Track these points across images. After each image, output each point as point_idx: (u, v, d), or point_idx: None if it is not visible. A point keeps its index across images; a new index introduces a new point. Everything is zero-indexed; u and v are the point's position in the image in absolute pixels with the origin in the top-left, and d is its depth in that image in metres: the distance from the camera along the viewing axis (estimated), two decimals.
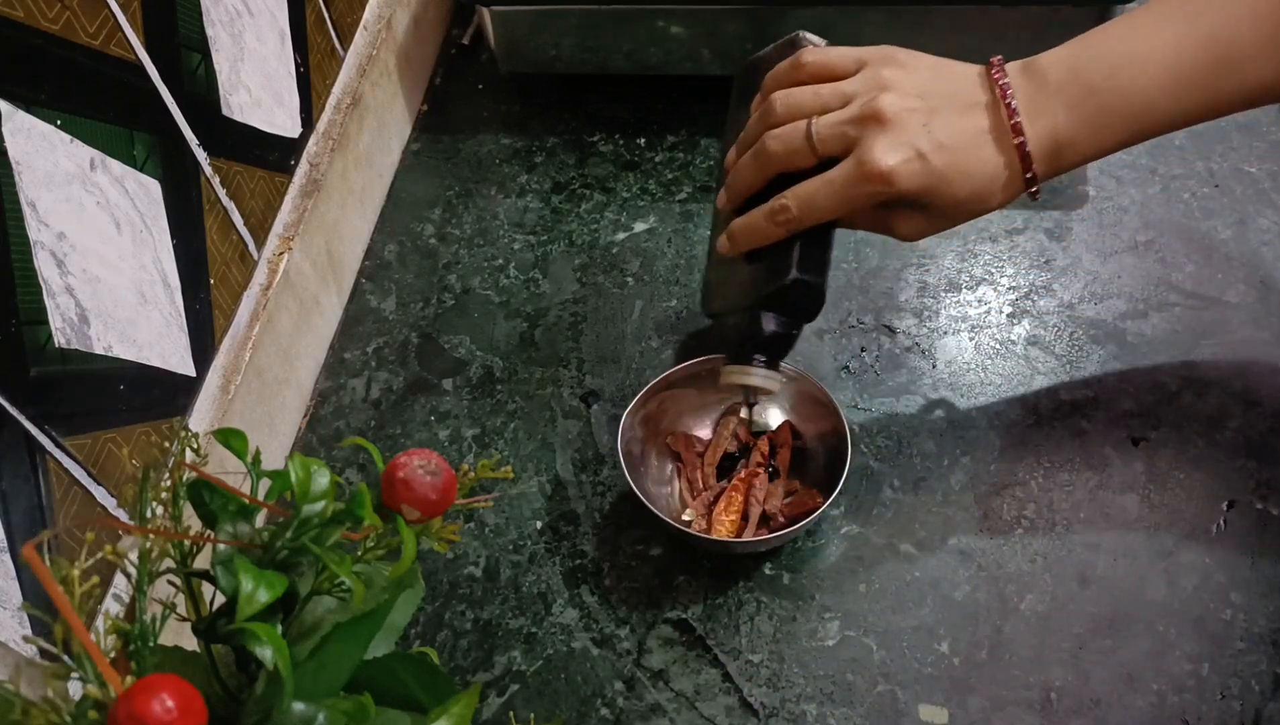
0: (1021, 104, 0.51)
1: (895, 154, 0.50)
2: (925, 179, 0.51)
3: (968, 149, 0.51)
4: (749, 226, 0.55)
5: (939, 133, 0.51)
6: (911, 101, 0.51)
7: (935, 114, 0.51)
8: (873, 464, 0.64)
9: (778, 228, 0.54)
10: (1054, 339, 0.69)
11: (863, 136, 0.51)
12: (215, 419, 0.60)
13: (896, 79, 0.52)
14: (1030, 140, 0.51)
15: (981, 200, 0.53)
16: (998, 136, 0.51)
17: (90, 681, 0.32)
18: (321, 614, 0.38)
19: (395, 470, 0.38)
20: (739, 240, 0.56)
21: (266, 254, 0.67)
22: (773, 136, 0.53)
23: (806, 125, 0.52)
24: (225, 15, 0.61)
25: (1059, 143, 0.51)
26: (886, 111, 0.50)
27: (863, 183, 0.51)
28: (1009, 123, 0.51)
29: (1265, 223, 0.73)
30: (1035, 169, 0.52)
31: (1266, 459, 0.62)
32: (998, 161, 0.51)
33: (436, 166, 0.85)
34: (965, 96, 0.52)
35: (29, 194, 0.45)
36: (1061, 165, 0.53)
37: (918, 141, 0.50)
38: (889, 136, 0.50)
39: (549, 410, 0.69)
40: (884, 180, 0.50)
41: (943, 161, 0.51)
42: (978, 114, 0.52)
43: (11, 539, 0.44)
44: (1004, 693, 0.55)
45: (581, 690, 0.58)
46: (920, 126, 0.50)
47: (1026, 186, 0.53)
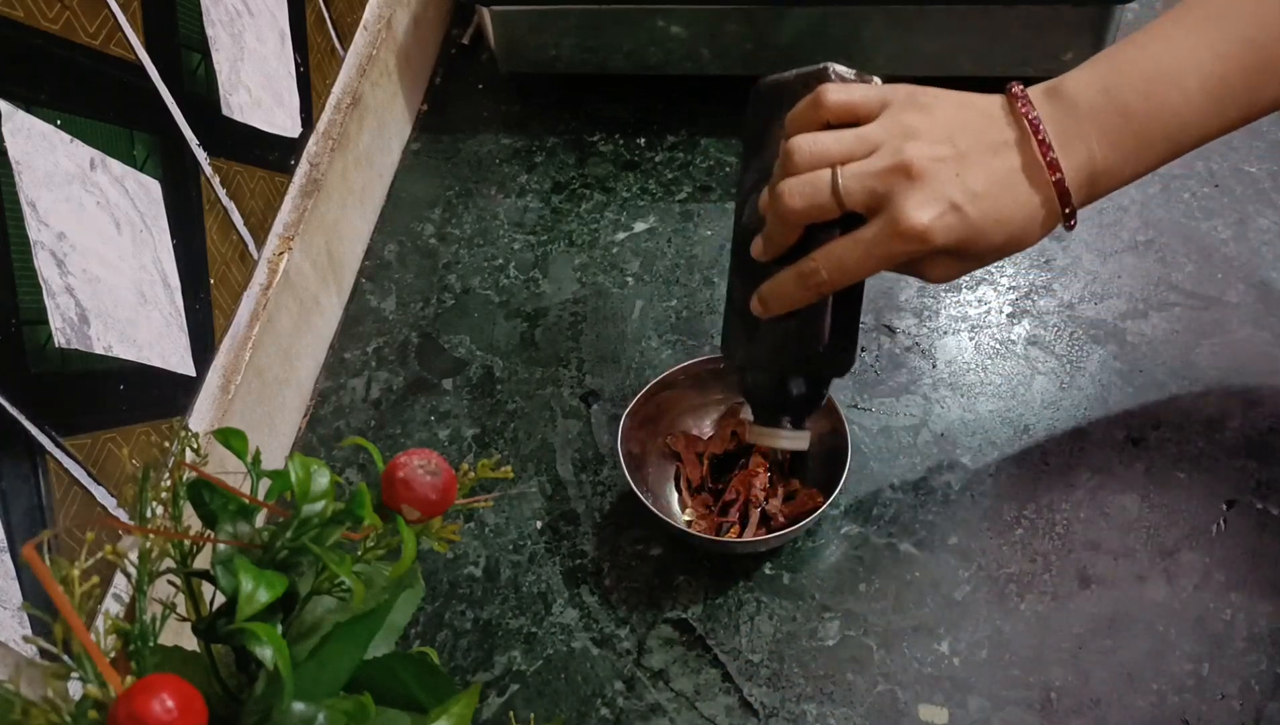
0: (1053, 135, 0.48)
1: (929, 210, 0.47)
2: (962, 232, 0.48)
3: (1003, 193, 0.48)
4: (779, 291, 0.52)
5: (972, 181, 0.48)
6: (940, 150, 0.48)
7: (965, 160, 0.48)
8: (873, 464, 0.64)
9: (808, 292, 0.51)
10: (1054, 339, 0.69)
11: (892, 192, 0.47)
12: (215, 419, 0.60)
13: (922, 124, 0.49)
14: (1066, 173, 0.48)
15: (1019, 241, 0.50)
16: (1031, 175, 0.48)
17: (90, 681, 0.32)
18: (321, 614, 0.38)
19: (395, 470, 0.38)
20: (771, 304, 0.52)
21: (266, 254, 0.67)
22: (793, 190, 0.49)
23: (831, 177, 0.49)
24: (225, 15, 0.61)
25: (1095, 171, 0.49)
26: (915, 163, 0.47)
27: (897, 242, 0.48)
28: (1044, 160, 0.48)
29: (1265, 223, 0.73)
30: (1074, 201, 0.49)
31: (1266, 459, 0.62)
32: (1034, 201, 0.49)
33: (436, 166, 0.85)
34: (993, 135, 0.49)
35: (29, 194, 0.45)
36: (1097, 193, 0.50)
37: (951, 194, 0.47)
38: (921, 192, 0.47)
39: (549, 410, 0.69)
40: (919, 239, 0.47)
41: (979, 212, 0.48)
42: (1008, 153, 0.49)
43: (11, 539, 0.44)
44: (1004, 693, 0.55)
45: (581, 690, 0.58)
46: (952, 176, 0.47)
47: (1065, 221, 0.50)
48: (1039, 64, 0.77)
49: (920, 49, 0.78)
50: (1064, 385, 0.66)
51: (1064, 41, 0.76)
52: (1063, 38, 0.76)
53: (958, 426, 0.65)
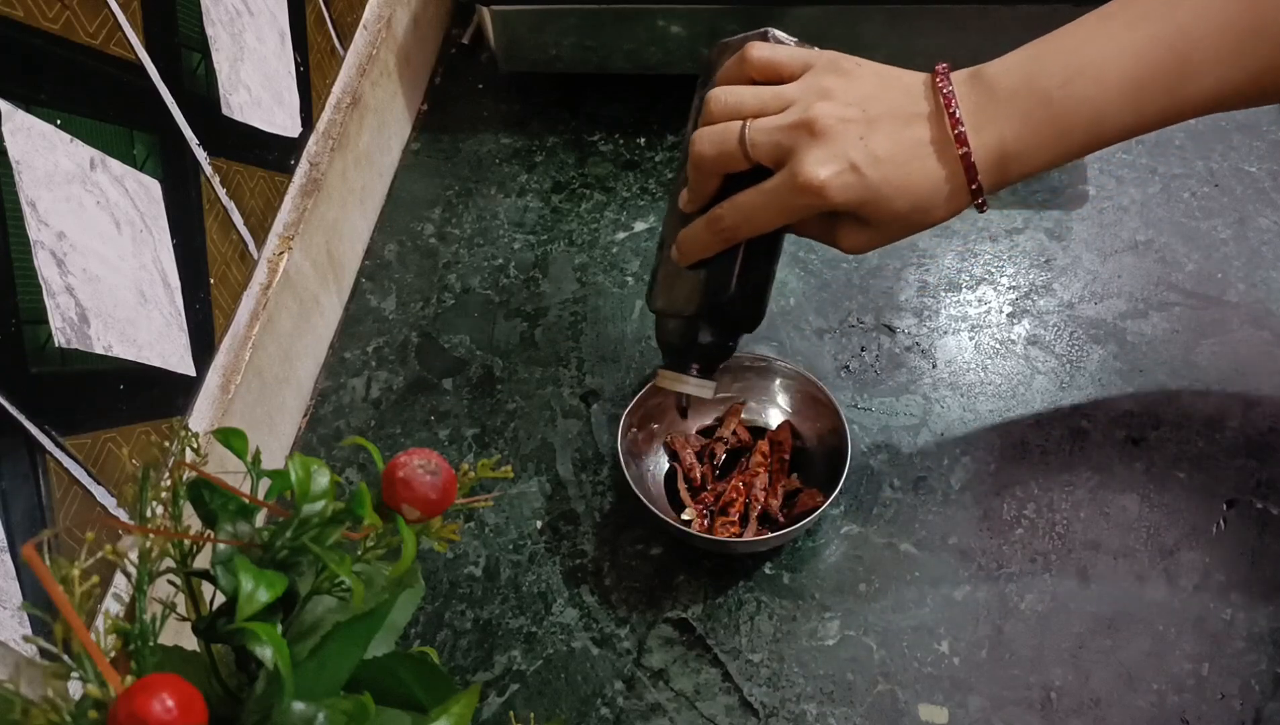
0: (967, 114, 0.49)
1: (827, 167, 0.48)
2: (860, 192, 0.49)
3: (907, 162, 0.49)
4: (692, 236, 0.54)
5: (876, 145, 0.49)
6: (849, 111, 0.49)
7: (873, 125, 0.49)
8: (873, 464, 0.64)
9: (716, 238, 0.53)
10: (1054, 338, 0.69)
11: (796, 146, 0.49)
12: (215, 418, 0.60)
13: (837, 87, 0.50)
14: (975, 150, 0.49)
15: (923, 213, 0.51)
16: (940, 148, 0.49)
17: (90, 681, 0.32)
18: (321, 614, 0.38)
19: (395, 470, 0.38)
20: (685, 250, 0.54)
21: (266, 254, 0.67)
22: (704, 138, 0.51)
23: (741, 128, 0.50)
24: (225, 15, 0.61)
25: (1006, 154, 0.49)
26: (821, 121, 0.48)
27: (795, 195, 0.49)
28: (952, 133, 0.49)
29: (1265, 223, 0.73)
30: (980, 180, 0.50)
31: (1266, 459, 0.62)
32: (940, 174, 0.49)
33: (436, 166, 0.85)
34: (907, 107, 0.50)
35: (29, 194, 0.45)
36: (1009, 176, 0.50)
37: (852, 154, 0.48)
38: (822, 148, 0.48)
39: (549, 410, 0.69)
40: (815, 193, 0.49)
41: (879, 175, 0.49)
42: (919, 125, 0.50)
43: (11, 538, 0.44)
44: (1004, 692, 0.55)
45: (581, 690, 0.58)
46: (856, 138, 0.49)
47: (973, 198, 0.51)
48: None
49: (920, 49, 0.78)
50: (1064, 385, 0.66)
51: None
52: None
53: (958, 426, 0.65)
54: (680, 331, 0.56)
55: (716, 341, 0.56)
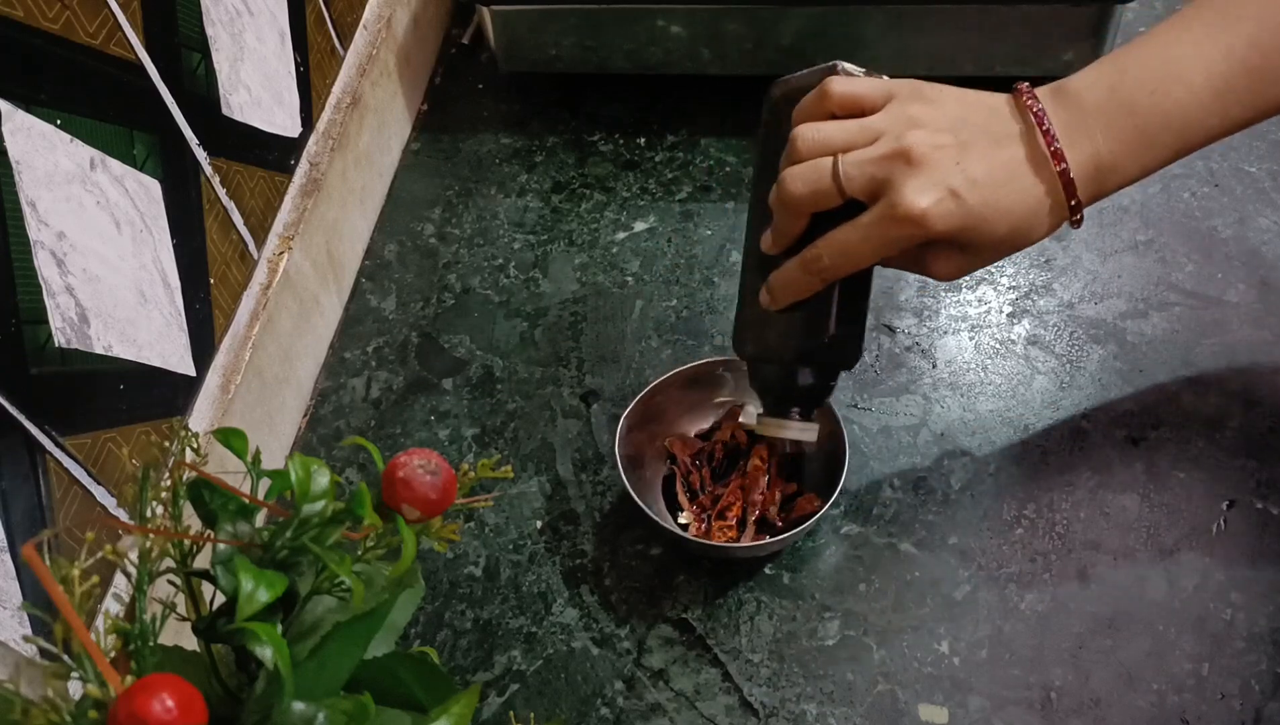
0: (1059, 130, 0.48)
1: (927, 195, 0.47)
2: (962, 219, 0.48)
3: (1005, 183, 0.48)
4: (785, 280, 0.52)
5: (972, 169, 0.48)
6: (941, 137, 0.48)
7: (967, 149, 0.48)
8: (873, 464, 0.64)
9: (814, 278, 0.51)
10: (1054, 338, 0.69)
11: (892, 177, 0.48)
12: (215, 418, 0.60)
13: (925, 115, 0.49)
14: (1072, 165, 0.48)
15: (1023, 234, 0.50)
16: (1036, 166, 0.49)
17: (90, 681, 0.32)
18: (321, 614, 0.38)
19: (395, 470, 0.38)
20: (778, 294, 0.53)
21: (266, 254, 0.67)
22: (795, 176, 0.50)
23: (832, 163, 0.49)
24: (225, 15, 0.61)
25: (1101, 166, 0.49)
26: (916, 150, 0.47)
27: (895, 227, 0.48)
28: (1048, 149, 0.48)
29: (1265, 223, 0.73)
30: (1079, 195, 0.49)
31: (1266, 459, 0.62)
32: (1038, 191, 0.49)
33: (436, 166, 0.85)
34: (997, 128, 0.49)
35: (29, 194, 0.45)
36: (1105, 189, 0.50)
37: (950, 180, 0.47)
38: (920, 177, 0.47)
39: (549, 410, 0.69)
40: (917, 223, 0.47)
41: (979, 199, 0.48)
42: (1012, 144, 0.49)
43: (11, 538, 0.44)
44: (1004, 692, 0.55)
45: (581, 690, 0.58)
46: (952, 164, 0.48)
47: (1071, 215, 0.50)
48: (1039, 64, 0.77)
49: (920, 49, 0.78)
50: (1064, 385, 0.66)
51: (1064, 41, 0.76)
52: (1063, 38, 0.76)
53: (958, 426, 0.65)
54: (779, 377, 0.55)
55: (817, 383, 0.55)
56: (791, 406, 0.56)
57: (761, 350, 0.56)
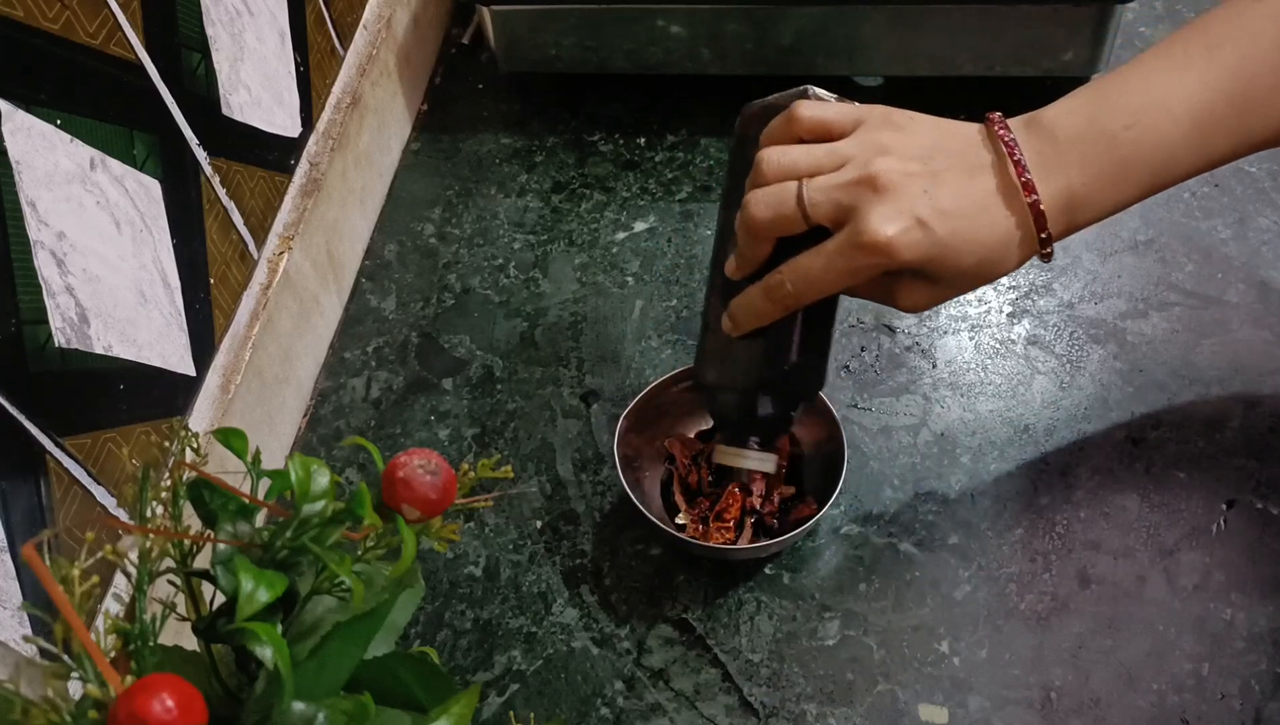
0: (1030, 161, 0.47)
1: (893, 223, 0.46)
2: (929, 249, 0.47)
3: (974, 214, 0.47)
4: (747, 305, 0.51)
5: (941, 198, 0.47)
6: (911, 166, 0.47)
7: (936, 178, 0.47)
8: (873, 464, 0.64)
9: (776, 306, 0.50)
10: (1054, 338, 0.69)
11: (858, 204, 0.47)
12: (215, 418, 0.60)
13: (895, 142, 0.48)
14: (1043, 198, 0.47)
15: (992, 267, 0.49)
16: (1007, 197, 0.48)
17: (90, 681, 0.32)
18: (321, 614, 0.38)
19: (395, 469, 0.38)
20: (739, 320, 0.52)
21: (266, 254, 0.67)
22: (759, 201, 0.49)
23: (797, 188, 0.48)
24: (225, 15, 0.61)
25: (1074, 200, 0.48)
26: (882, 177, 0.46)
27: (860, 255, 0.47)
28: (1019, 181, 0.47)
29: (1265, 223, 0.73)
30: (1050, 228, 0.48)
31: (1266, 459, 0.62)
32: (1008, 224, 0.48)
33: (436, 166, 0.85)
34: (970, 158, 0.48)
35: (29, 194, 0.45)
36: (1076, 223, 0.49)
37: (918, 209, 0.46)
38: (886, 205, 0.46)
39: (549, 410, 0.69)
40: (882, 252, 0.46)
41: (947, 229, 0.47)
42: (983, 175, 0.48)
43: (11, 539, 0.44)
44: (1004, 692, 0.55)
45: (581, 690, 0.58)
46: (920, 192, 0.47)
47: (1040, 248, 0.49)
48: (1039, 64, 0.77)
49: (920, 49, 0.78)
50: (1064, 385, 0.66)
51: (1064, 41, 0.76)
52: (1063, 38, 0.76)
53: (958, 426, 0.65)
54: (738, 406, 0.54)
55: (777, 413, 0.54)
56: (750, 436, 0.55)
57: (721, 378, 0.54)
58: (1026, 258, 0.49)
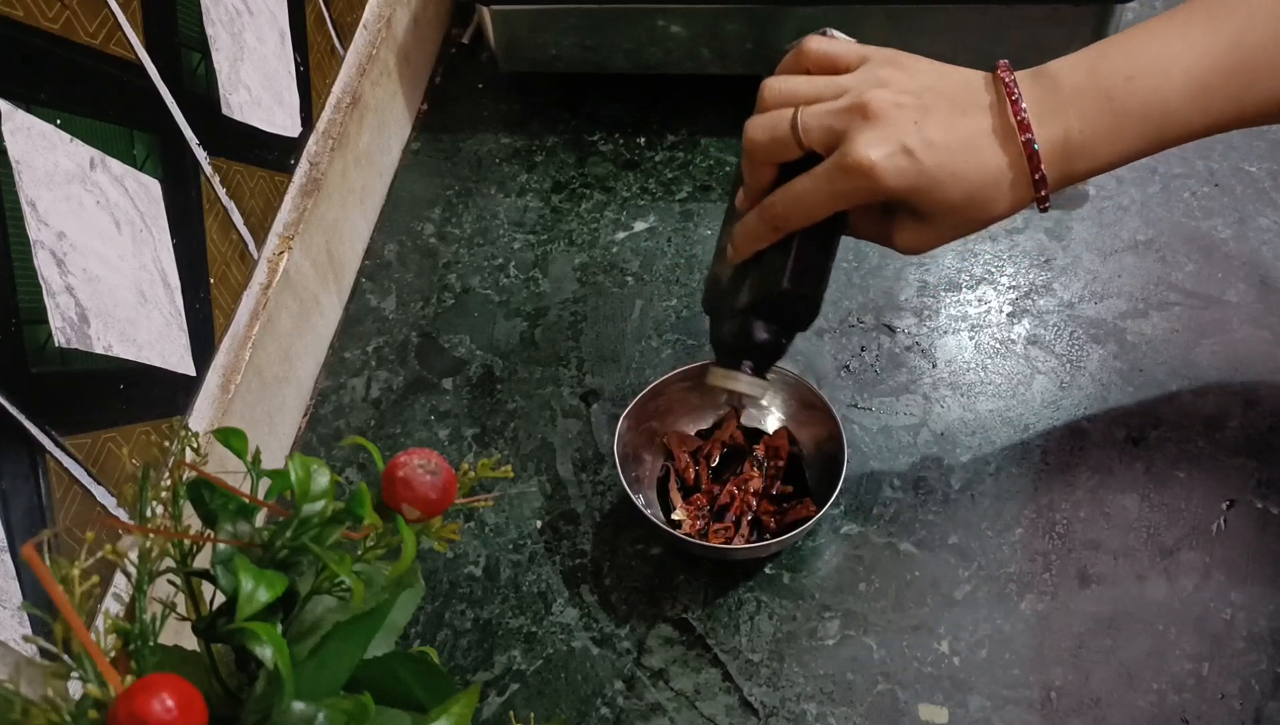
0: (1030, 105, 0.48)
1: (879, 148, 0.47)
2: (913, 178, 0.48)
3: (963, 149, 0.48)
4: (745, 228, 0.53)
5: (930, 131, 0.48)
6: (904, 98, 0.48)
7: (929, 112, 0.48)
8: (873, 464, 0.64)
9: (768, 227, 0.52)
10: (1054, 338, 0.69)
11: (848, 129, 0.48)
12: (215, 418, 0.60)
13: (894, 77, 0.49)
14: (1039, 139, 0.48)
15: (981, 206, 0.49)
16: (1002, 137, 0.48)
17: (90, 681, 0.32)
18: (321, 613, 0.38)
19: (395, 469, 0.38)
20: (739, 244, 0.54)
21: (266, 253, 0.67)
22: (757, 125, 0.51)
23: (792, 114, 0.50)
24: (225, 14, 0.61)
25: (1071, 146, 0.48)
26: (873, 105, 0.48)
27: (845, 177, 0.48)
28: (1015, 120, 0.48)
29: (1265, 222, 0.73)
30: (1044, 170, 0.48)
31: (1266, 459, 0.62)
32: (1000, 162, 0.48)
33: (436, 166, 0.85)
34: (966, 98, 0.49)
35: (29, 193, 0.45)
36: (1075, 171, 0.49)
37: (905, 137, 0.47)
38: (874, 131, 0.47)
39: (549, 410, 0.69)
40: (866, 175, 0.47)
41: (933, 160, 0.48)
42: (979, 114, 0.49)
43: (11, 538, 0.44)
44: (1004, 692, 0.55)
45: (581, 689, 0.58)
46: (910, 123, 0.48)
47: (1035, 190, 0.49)
48: (1039, 64, 0.77)
49: (920, 49, 0.77)
50: (1064, 385, 0.66)
51: (1064, 41, 0.76)
52: (1063, 37, 0.76)
53: (958, 426, 0.65)
54: (733, 328, 0.55)
55: (770, 339, 0.54)
56: (742, 359, 0.55)
57: (719, 302, 0.56)
58: (1021, 202, 0.50)
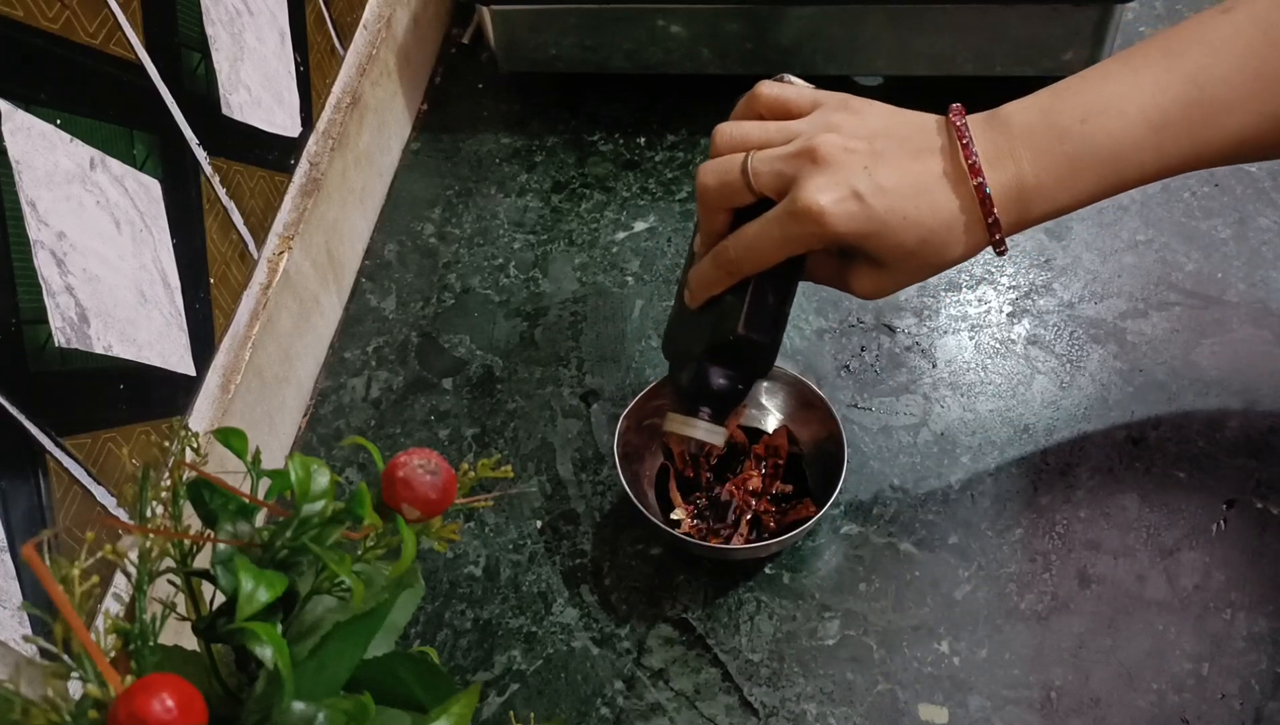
0: (981, 148, 0.48)
1: (828, 193, 0.47)
2: (863, 223, 0.47)
3: (915, 194, 0.48)
4: (700, 274, 0.53)
5: (881, 176, 0.47)
6: (854, 143, 0.48)
7: (879, 157, 0.48)
8: (873, 464, 0.64)
9: (721, 272, 0.52)
10: (1054, 338, 0.69)
11: (798, 175, 0.48)
12: (215, 418, 0.60)
13: (845, 122, 0.49)
14: (991, 183, 0.47)
15: (936, 250, 0.49)
16: (954, 181, 0.48)
17: (90, 681, 0.32)
18: (321, 613, 0.38)
19: (395, 469, 0.38)
20: (694, 290, 0.54)
21: (266, 253, 0.67)
22: (708, 170, 0.51)
23: (743, 159, 0.50)
24: (225, 14, 0.61)
25: (1025, 189, 0.48)
26: (822, 149, 0.47)
27: (795, 223, 0.48)
28: (966, 164, 0.48)
29: (1265, 222, 0.73)
30: (998, 215, 0.48)
31: (1266, 459, 0.62)
32: (951, 206, 0.48)
33: (436, 166, 0.85)
34: (919, 141, 0.49)
35: (29, 193, 0.45)
36: (1030, 215, 0.49)
37: (855, 182, 0.47)
38: (824, 176, 0.47)
39: (549, 410, 0.69)
40: (815, 220, 0.47)
41: (884, 205, 0.47)
42: (929, 158, 0.48)
43: (11, 538, 0.44)
44: (1004, 692, 0.55)
45: (581, 689, 0.58)
46: (859, 167, 0.47)
47: (990, 234, 0.49)
48: (1039, 64, 0.77)
49: (920, 49, 0.78)
50: (1064, 385, 0.66)
51: (1064, 41, 0.76)
52: (1063, 38, 0.76)
53: (958, 426, 0.65)
54: (689, 374, 0.55)
55: (727, 385, 0.54)
56: (699, 405, 0.55)
57: (676, 346, 0.56)
58: (976, 246, 0.50)
